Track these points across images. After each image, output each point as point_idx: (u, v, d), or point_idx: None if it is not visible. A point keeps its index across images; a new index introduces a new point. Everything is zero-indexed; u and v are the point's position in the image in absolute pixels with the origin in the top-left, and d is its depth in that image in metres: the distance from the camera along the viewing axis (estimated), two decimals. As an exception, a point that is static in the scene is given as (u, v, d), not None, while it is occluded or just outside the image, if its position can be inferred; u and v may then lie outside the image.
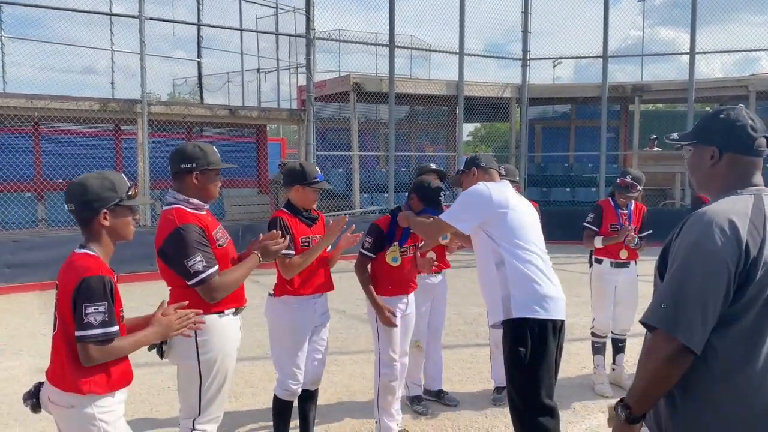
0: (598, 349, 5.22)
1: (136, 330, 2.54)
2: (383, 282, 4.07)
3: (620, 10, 25.77)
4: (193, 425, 3.02)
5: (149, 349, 3.03)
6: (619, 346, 5.29)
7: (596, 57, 14.94)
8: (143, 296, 8.28)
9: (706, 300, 1.70)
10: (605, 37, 14.51)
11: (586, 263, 5.42)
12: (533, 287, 3.09)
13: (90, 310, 2.28)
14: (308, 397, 3.94)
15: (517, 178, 4.95)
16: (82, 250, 2.43)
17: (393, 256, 4.06)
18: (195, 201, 3.01)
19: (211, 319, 2.97)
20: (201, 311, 2.79)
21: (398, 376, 4.09)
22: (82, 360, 2.32)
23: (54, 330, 2.43)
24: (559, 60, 17.58)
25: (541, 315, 3.06)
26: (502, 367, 4.68)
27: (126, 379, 2.50)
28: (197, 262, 2.86)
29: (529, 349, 3.04)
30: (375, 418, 4.16)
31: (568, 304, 3.25)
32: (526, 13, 14.90)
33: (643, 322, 1.82)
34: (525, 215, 3.26)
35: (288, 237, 3.51)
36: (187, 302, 2.75)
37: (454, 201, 3.40)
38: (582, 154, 16.90)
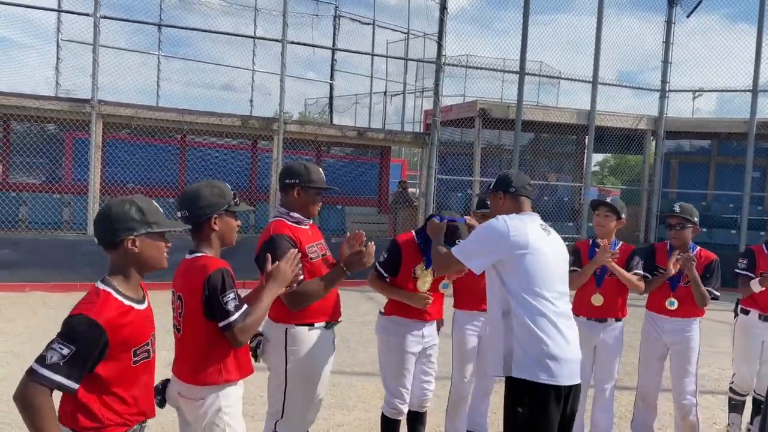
0: (735, 407, 4.78)
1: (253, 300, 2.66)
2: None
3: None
4: (275, 427, 3.12)
5: None
6: (760, 408, 4.80)
7: (744, 90, 13.89)
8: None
9: None
10: (756, 69, 13.47)
11: (720, 310, 4.97)
12: (539, 346, 2.72)
13: (225, 299, 2.47)
14: (415, 418, 3.94)
15: (695, 219, 4.26)
16: (193, 255, 2.62)
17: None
18: (296, 215, 3.18)
19: (302, 330, 3.09)
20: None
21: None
22: (234, 344, 2.52)
23: (179, 332, 2.61)
24: (699, 92, 16.51)
25: (543, 379, 2.69)
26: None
27: (250, 368, 2.68)
28: None
29: (526, 412, 2.70)
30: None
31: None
32: (667, 42, 14.20)
33: None
34: (548, 256, 2.85)
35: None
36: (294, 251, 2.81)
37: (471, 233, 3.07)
38: (722, 193, 15.67)
